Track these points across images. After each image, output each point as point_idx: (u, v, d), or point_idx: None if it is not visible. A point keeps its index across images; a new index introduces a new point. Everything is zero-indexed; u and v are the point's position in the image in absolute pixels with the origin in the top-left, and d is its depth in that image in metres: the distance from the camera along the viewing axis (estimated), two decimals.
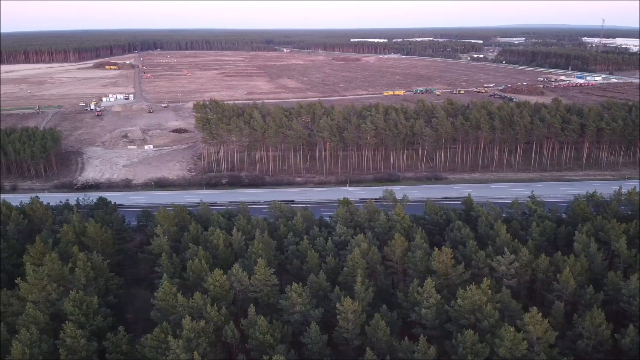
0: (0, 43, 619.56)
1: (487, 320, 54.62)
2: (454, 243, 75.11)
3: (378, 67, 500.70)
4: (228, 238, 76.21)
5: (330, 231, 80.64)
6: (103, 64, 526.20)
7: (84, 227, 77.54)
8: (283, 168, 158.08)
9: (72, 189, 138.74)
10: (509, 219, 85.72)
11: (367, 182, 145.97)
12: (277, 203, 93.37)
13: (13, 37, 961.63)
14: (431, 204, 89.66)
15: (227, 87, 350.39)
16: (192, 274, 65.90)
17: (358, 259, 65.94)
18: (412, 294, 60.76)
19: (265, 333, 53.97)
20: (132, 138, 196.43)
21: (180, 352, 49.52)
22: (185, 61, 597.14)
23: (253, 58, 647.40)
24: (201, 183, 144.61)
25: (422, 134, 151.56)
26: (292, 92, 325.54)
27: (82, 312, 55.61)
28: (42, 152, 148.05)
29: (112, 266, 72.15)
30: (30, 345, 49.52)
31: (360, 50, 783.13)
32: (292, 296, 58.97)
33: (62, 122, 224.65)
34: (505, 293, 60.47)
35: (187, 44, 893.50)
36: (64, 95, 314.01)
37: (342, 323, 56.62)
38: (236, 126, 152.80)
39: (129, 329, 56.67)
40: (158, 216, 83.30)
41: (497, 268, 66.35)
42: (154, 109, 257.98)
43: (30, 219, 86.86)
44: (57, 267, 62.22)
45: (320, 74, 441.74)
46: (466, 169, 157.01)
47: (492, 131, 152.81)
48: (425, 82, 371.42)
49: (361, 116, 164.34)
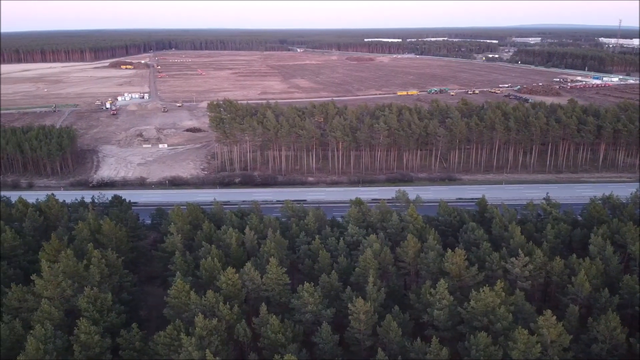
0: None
1: (501, 323, 54.12)
2: (467, 244, 74.53)
3: (392, 67, 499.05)
4: (240, 237, 76.49)
5: (342, 231, 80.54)
6: (119, 64, 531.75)
7: (99, 225, 78.31)
8: (295, 168, 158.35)
9: (88, 186, 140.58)
10: (523, 220, 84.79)
11: (379, 182, 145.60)
12: (290, 202, 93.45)
13: (29, 36, 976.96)
14: (444, 205, 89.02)
15: (240, 86, 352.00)
16: (205, 272, 66.27)
17: (370, 260, 65.76)
18: (425, 296, 60.42)
19: (277, 332, 54.10)
20: (147, 137, 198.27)
21: (193, 349, 49.81)
22: (199, 61, 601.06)
23: (267, 58, 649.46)
24: (214, 182, 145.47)
25: (436, 134, 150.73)
26: (305, 92, 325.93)
27: (97, 309, 56.17)
28: (58, 150, 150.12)
29: (126, 263, 72.76)
30: (44, 341, 50.00)
31: (374, 50, 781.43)
32: (303, 296, 59.03)
33: (78, 121, 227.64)
34: (519, 295, 59.84)
35: (202, 43, 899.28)
36: (80, 94, 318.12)
37: (353, 323, 56.52)
38: (249, 126, 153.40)
39: (142, 326, 57.12)
40: (172, 214, 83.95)
41: (511, 270, 65.71)
42: (169, 108, 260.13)
43: (46, 216, 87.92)
44: (72, 264, 62.86)
45: (333, 73, 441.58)
46: (480, 169, 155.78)
47: (507, 132, 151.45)
48: (440, 82, 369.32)
49: (374, 116, 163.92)
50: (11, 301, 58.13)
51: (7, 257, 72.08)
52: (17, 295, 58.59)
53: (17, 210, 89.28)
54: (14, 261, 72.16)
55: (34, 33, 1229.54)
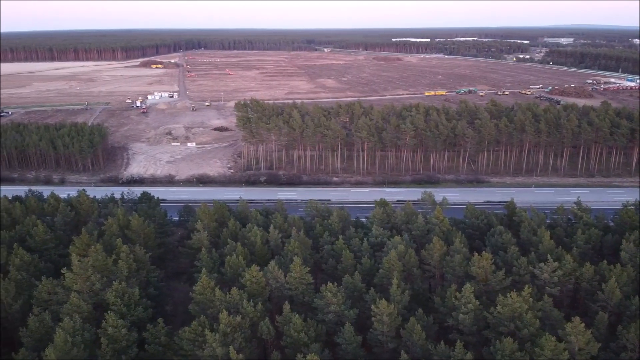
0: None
1: (527, 329, 53.04)
2: (494, 248, 73.32)
3: (420, 67, 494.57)
4: (265, 235, 76.98)
5: (366, 232, 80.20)
6: (149, 63, 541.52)
7: (128, 221, 79.81)
8: (320, 167, 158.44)
9: (118, 183, 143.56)
10: (553, 225, 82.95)
11: (405, 183, 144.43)
12: (314, 202, 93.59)
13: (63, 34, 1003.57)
14: (472, 207, 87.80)
15: (267, 86, 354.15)
16: (230, 269, 66.90)
17: (394, 262, 65.28)
18: (450, 299, 59.65)
19: (300, 331, 54.19)
20: (176, 135, 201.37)
21: (217, 346, 50.30)
22: (227, 61, 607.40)
23: (294, 58, 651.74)
24: (240, 180, 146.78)
25: (464, 135, 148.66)
26: (331, 91, 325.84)
27: (124, 303, 57.18)
28: (90, 147, 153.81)
29: (153, 259, 73.93)
30: (73, 333, 51.06)
31: (402, 49, 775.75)
32: (327, 296, 58.99)
33: (109, 119, 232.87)
34: (547, 301, 58.54)
35: (230, 43, 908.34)
36: (111, 92, 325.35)
37: (376, 325, 56.19)
38: (275, 125, 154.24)
39: (167, 321, 58.02)
40: (199, 212, 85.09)
41: (540, 275, 64.33)
42: (197, 107, 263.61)
43: (77, 211, 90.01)
44: (101, 259, 64.08)
45: (360, 73, 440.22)
46: (509, 172, 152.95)
47: (537, 134, 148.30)
48: (468, 82, 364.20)
49: (401, 116, 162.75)
50: (41, 294, 59.70)
51: (39, 251, 74.24)
52: (48, 288, 60.08)
53: (49, 205, 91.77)
54: (45, 255, 74.26)
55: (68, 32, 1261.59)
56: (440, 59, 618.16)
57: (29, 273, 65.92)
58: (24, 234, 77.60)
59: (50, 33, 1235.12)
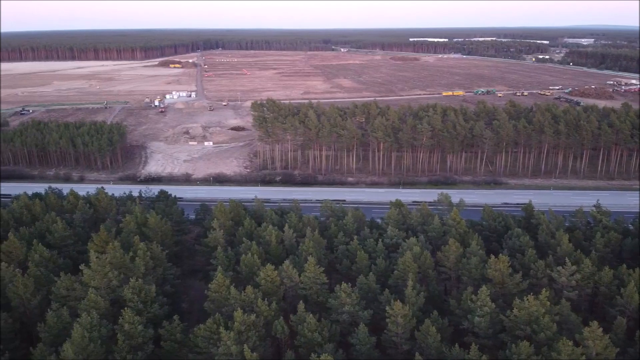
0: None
1: (544, 333, 52.31)
2: (511, 251, 72.46)
3: (437, 67, 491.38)
4: (280, 235, 77.17)
5: (381, 233, 79.84)
6: (167, 62, 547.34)
7: (146, 218, 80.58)
8: (335, 167, 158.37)
9: (136, 181, 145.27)
10: (571, 228, 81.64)
11: (421, 184, 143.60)
12: (329, 202, 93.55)
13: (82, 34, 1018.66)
14: (489, 209, 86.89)
15: (284, 86, 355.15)
16: (245, 268, 67.22)
17: (409, 263, 64.92)
18: (465, 302, 59.11)
19: (314, 331, 54.21)
20: (193, 134, 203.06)
21: (231, 344, 50.56)
22: (245, 61, 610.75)
23: (310, 58, 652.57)
24: (256, 180, 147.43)
25: (482, 136, 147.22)
26: (347, 91, 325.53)
27: (141, 300, 57.72)
28: (109, 146, 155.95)
29: (170, 257, 74.54)
30: (90, 329, 51.64)
31: (419, 49, 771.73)
32: (341, 296, 58.91)
33: (128, 117, 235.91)
34: (565, 305, 57.66)
35: (248, 43, 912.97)
36: (130, 91, 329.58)
37: (391, 326, 55.92)
38: (291, 125, 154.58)
39: (183, 318, 58.43)
40: (215, 210, 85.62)
41: (557, 279, 63.40)
42: (214, 107, 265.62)
43: (95, 209, 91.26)
44: (118, 256, 64.80)
45: (376, 73, 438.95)
46: (528, 174, 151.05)
47: (556, 136, 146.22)
48: (487, 83, 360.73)
49: (417, 117, 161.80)
50: (60, 289, 60.53)
51: (58, 247, 75.39)
52: (66, 284, 60.88)
53: (68, 202, 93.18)
54: (64, 251, 75.37)
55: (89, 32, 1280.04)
56: (458, 59, 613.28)
57: (47, 269, 66.91)
58: (44, 231, 78.86)
59: (69, 32, 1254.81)
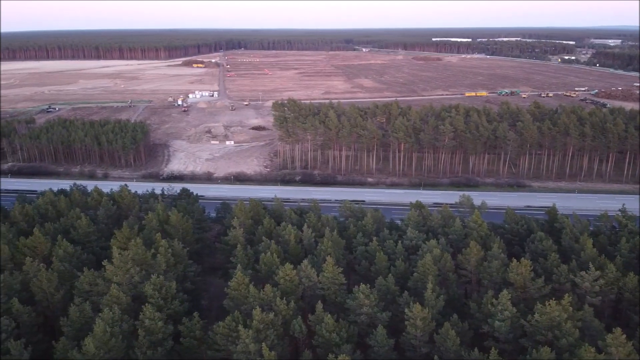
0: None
1: (566, 339, 51.30)
2: (534, 255, 71.26)
3: (460, 67, 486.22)
4: (299, 234, 77.30)
5: (400, 234, 79.29)
6: (190, 62, 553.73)
7: (167, 216, 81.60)
8: (355, 168, 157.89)
9: (158, 179, 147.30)
10: (596, 232, 79.84)
11: (442, 186, 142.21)
12: (348, 202, 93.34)
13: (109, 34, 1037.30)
14: (511, 212, 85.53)
15: (305, 86, 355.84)
16: (264, 266, 67.54)
17: (429, 265, 64.34)
18: (486, 305, 58.35)
19: (332, 331, 54.16)
20: (215, 134, 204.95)
21: (250, 342, 50.84)
22: (266, 60, 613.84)
23: (332, 58, 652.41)
24: (276, 179, 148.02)
25: (505, 138, 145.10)
26: (368, 91, 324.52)
27: (161, 296, 58.46)
28: (132, 144, 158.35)
29: (190, 254, 75.42)
30: (112, 324, 52.57)
31: (442, 49, 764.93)
32: (359, 297, 58.70)
33: (151, 116, 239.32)
34: (588, 311, 56.47)
35: (270, 43, 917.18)
36: (154, 90, 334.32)
37: (410, 329, 55.52)
38: (311, 125, 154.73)
39: (202, 315, 59.03)
40: (235, 209, 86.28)
41: (580, 284, 62.11)
42: (236, 106, 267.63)
43: (118, 206, 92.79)
44: (140, 252, 65.74)
45: (398, 73, 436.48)
46: (552, 177, 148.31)
47: (581, 138, 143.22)
48: (511, 83, 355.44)
49: (439, 117, 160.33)
50: (83, 284, 61.73)
51: (82, 243, 76.95)
52: (89, 279, 62.05)
53: (92, 199, 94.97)
54: (87, 247, 76.92)
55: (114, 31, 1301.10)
56: (481, 59, 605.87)
57: (71, 264, 68.31)
58: (68, 227, 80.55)
59: (95, 32, 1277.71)
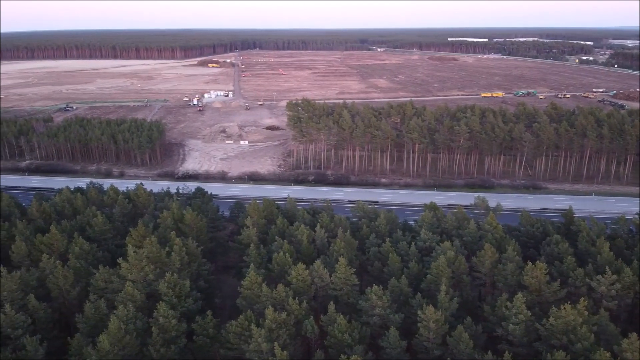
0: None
1: (581, 343, 50.60)
2: (549, 258, 70.39)
3: (476, 68, 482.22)
4: (311, 234, 77.36)
5: (414, 236, 78.91)
6: (206, 62, 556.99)
7: (182, 215, 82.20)
8: (369, 168, 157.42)
9: (173, 178, 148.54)
10: (613, 236, 78.63)
11: (457, 187, 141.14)
12: (361, 203, 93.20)
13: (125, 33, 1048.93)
14: (527, 214, 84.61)
15: (319, 86, 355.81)
16: (277, 266, 67.72)
17: (443, 268, 63.91)
18: (500, 308, 57.80)
19: (344, 332, 54.10)
20: (230, 133, 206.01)
21: (262, 341, 51.00)
22: (281, 60, 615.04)
23: (346, 58, 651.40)
24: (289, 179, 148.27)
25: (522, 139, 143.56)
26: (383, 91, 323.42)
27: (175, 294, 58.97)
28: (148, 143, 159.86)
29: (204, 253, 75.89)
30: (126, 321, 53.23)
31: (458, 49, 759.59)
32: (372, 298, 58.54)
33: (167, 116, 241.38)
34: (604, 315, 55.70)
35: (284, 43, 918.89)
36: (169, 90, 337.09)
37: (422, 331, 55.21)
38: (325, 125, 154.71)
39: (216, 314, 59.32)
40: (249, 208, 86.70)
41: (596, 288, 61.24)
42: (251, 106, 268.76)
43: (134, 204, 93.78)
44: (155, 250, 66.28)
45: (413, 73, 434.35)
46: (568, 179, 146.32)
47: (599, 140, 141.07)
48: (527, 84, 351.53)
49: (455, 118, 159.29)
50: (98, 282, 62.54)
51: (97, 240, 77.93)
52: (104, 276, 62.84)
53: (108, 197, 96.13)
54: (103, 244, 77.84)
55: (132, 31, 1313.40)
56: (498, 60, 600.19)
57: (87, 261, 69.19)
58: (84, 224, 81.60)
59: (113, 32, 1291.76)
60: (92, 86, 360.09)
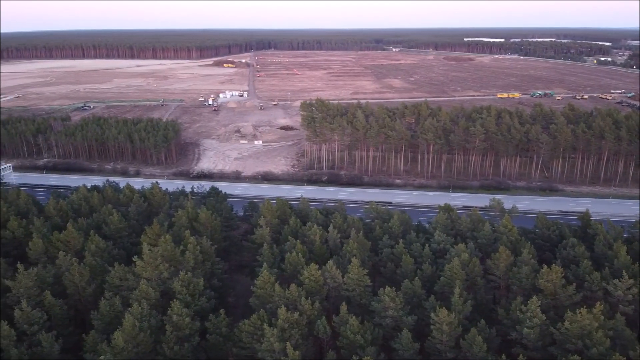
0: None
1: (597, 348, 49.86)
2: (565, 262, 69.43)
3: (492, 68, 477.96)
4: (324, 235, 77.29)
5: (428, 237, 78.43)
6: (221, 62, 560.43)
7: (197, 214, 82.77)
8: (382, 169, 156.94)
9: (188, 177, 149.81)
10: (630, 239, 77.21)
11: (472, 188, 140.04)
12: (374, 204, 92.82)
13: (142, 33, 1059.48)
14: (543, 217, 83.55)
15: (333, 86, 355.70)
16: (290, 266, 67.81)
17: (457, 270, 63.43)
18: (515, 312, 57.19)
19: (356, 333, 54.00)
20: (244, 133, 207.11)
21: (274, 341, 51.15)
22: (296, 61, 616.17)
23: (361, 58, 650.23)
24: (303, 179, 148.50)
25: (538, 140, 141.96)
26: (397, 92, 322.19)
27: (189, 293, 59.36)
28: (164, 142, 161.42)
29: (218, 251, 76.15)
30: (140, 318, 53.72)
31: (474, 50, 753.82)
32: (384, 300, 58.33)
33: (182, 115, 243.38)
34: (620, 320, 54.74)
35: (299, 43, 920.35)
36: (185, 90, 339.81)
37: (435, 333, 54.88)
38: (339, 125, 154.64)
39: (229, 313, 59.57)
40: (262, 208, 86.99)
41: (613, 292, 60.22)
42: (265, 106, 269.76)
43: (149, 202, 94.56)
44: (170, 249, 66.75)
45: (428, 73, 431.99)
46: (585, 181, 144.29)
47: (617, 142, 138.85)
48: (544, 85, 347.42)
49: (470, 118, 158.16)
50: (113, 279, 63.19)
51: (113, 238, 78.72)
52: (119, 274, 63.48)
53: (124, 195, 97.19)
54: (118, 242, 78.60)
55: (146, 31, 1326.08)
56: (514, 60, 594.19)
57: (103, 259, 69.91)
58: (100, 222, 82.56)
59: (130, 32, 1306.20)
60: (109, 85, 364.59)
